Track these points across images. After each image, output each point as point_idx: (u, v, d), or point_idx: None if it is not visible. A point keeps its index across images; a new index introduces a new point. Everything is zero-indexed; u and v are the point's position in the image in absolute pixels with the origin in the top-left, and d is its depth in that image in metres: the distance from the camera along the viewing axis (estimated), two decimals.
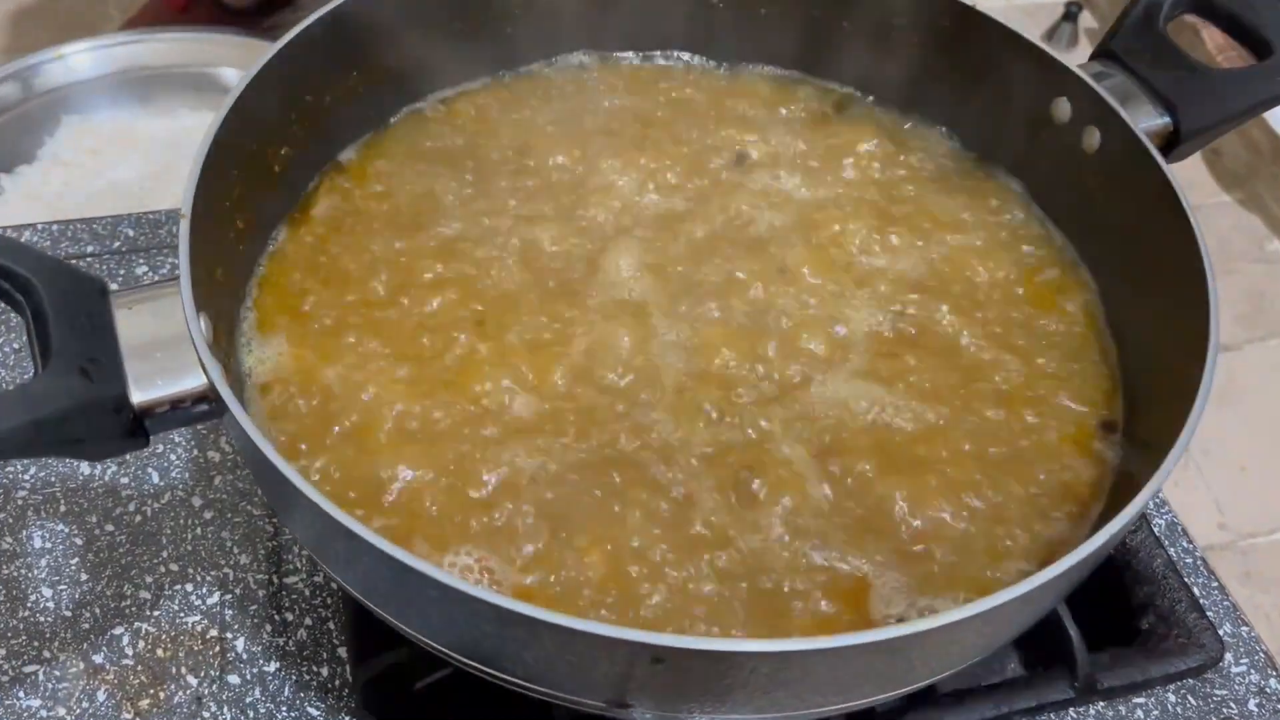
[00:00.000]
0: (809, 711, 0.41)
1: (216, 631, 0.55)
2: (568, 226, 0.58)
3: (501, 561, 0.45)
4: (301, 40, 0.55)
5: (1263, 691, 0.57)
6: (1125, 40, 0.59)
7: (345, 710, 0.53)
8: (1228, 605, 0.61)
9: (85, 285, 0.43)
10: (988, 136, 0.64)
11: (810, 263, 0.57)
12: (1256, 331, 1.25)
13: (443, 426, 0.49)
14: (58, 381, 0.39)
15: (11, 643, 0.54)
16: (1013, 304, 0.57)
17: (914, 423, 0.51)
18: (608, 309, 0.54)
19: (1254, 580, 1.04)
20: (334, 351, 0.51)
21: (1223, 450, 1.14)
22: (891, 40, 0.64)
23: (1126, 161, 0.55)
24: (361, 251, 0.56)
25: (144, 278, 0.69)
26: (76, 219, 0.72)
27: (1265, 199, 1.40)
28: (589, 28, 0.67)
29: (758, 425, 0.50)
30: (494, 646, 0.40)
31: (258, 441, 0.39)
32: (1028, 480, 0.49)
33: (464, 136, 0.63)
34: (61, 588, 0.56)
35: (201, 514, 0.59)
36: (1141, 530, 0.62)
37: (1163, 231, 0.52)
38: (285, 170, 0.57)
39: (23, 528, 0.58)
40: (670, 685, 0.38)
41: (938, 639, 0.37)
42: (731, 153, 0.63)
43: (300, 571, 0.57)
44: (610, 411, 0.50)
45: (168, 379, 0.42)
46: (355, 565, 0.41)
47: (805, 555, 0.46)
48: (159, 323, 0.43)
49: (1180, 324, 0.49)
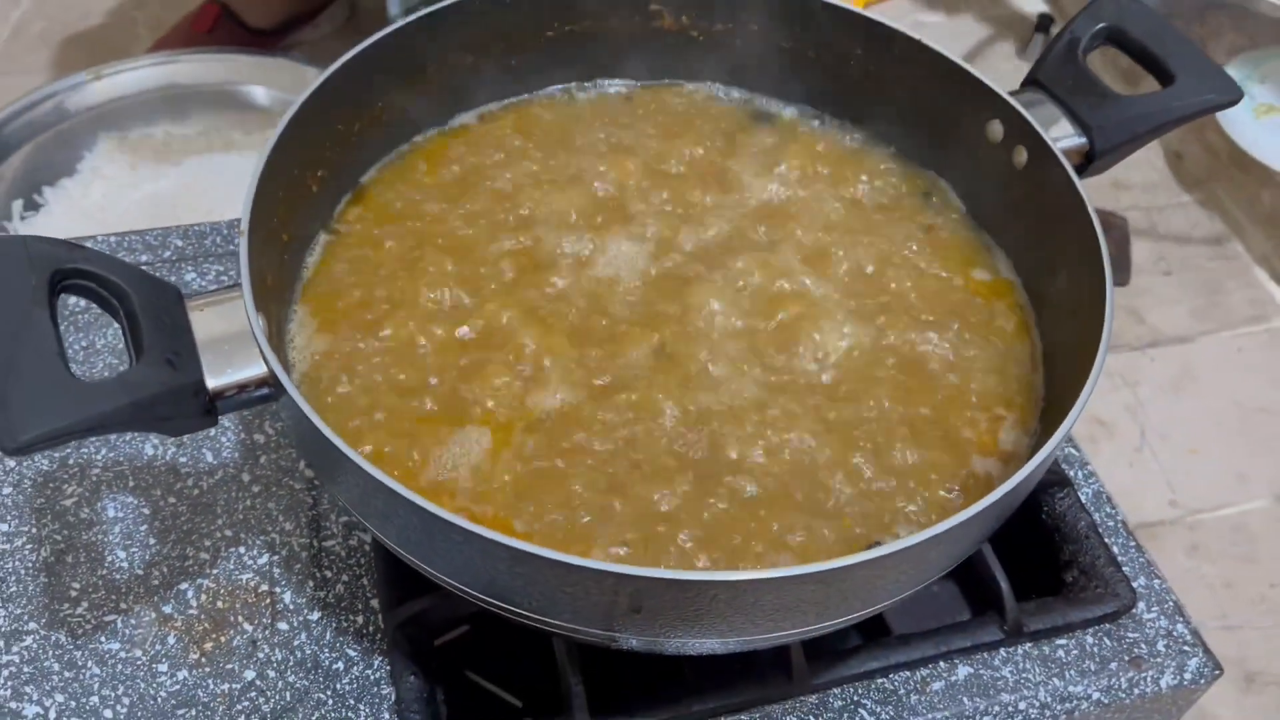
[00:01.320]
0: (767, 636, 0.50)
1: (267, 587, 0.64)
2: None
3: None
4: (336, 77, 0.64)
5: (1170, 634, 0.66)
6: (1050, 69, 0.68)
7: (377, 651, 0.62)
8: (1143, 562, 0.69)
9: (165, 291, 0.52)
10: (933, 154, 0.73)
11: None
12: (1210, 324, 1.34)
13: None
14: (150, 371, 0.48)
15: (93, 596, 0.63)
16: (952, 305, 0.66)
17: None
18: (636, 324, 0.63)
19: (1199, 552, 1.13)
20: (364, 345, 0.61)
21: (1176, 435, 1.23)
22: (846, 65, 0.73)
23: (1048, 176, 0.64)
24: (385, 262, 0.65)
25: (192, 282, 0.78)
26: (130, 231, 0.81)
27: (1224, 200, 1.48)
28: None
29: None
30: (506, 583, 0.49)
31: (310, 416, 0.48)
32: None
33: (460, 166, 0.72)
34: (133, 550, 0.65)
35: (250, 488, 0.68)
36: (1069, 497, 0.71)
37: (1075, 235, 0.61)
38: (321, 190, 0.66)
39: (98, 500, 0.67)
40: (647, 611, 0.47)
41: (862, 574, 0.46)
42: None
43: (336, 536, 0.66)
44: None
45: (235, 368, 0.51)
46: (392, 519, 0.50)
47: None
48: (226, 322, 0.52)
49: (1085, 320, 0.58)
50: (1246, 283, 1.40)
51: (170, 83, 1.26)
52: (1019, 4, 1.84)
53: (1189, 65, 0.66)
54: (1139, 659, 0.65)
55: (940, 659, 0.64)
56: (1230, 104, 0.65)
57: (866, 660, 0.63)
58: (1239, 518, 1.16)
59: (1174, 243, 1.40)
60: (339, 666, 0.61)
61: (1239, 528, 1.16)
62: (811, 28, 0.72)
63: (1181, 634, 0.66)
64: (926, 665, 0.64)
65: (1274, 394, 1.28)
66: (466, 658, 0.69)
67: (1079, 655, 0.65)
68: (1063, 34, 0.69)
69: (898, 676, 0.63)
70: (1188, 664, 0.65)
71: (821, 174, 0.72)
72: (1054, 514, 0.70)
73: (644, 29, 0.75)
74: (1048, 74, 0.68)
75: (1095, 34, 0.68)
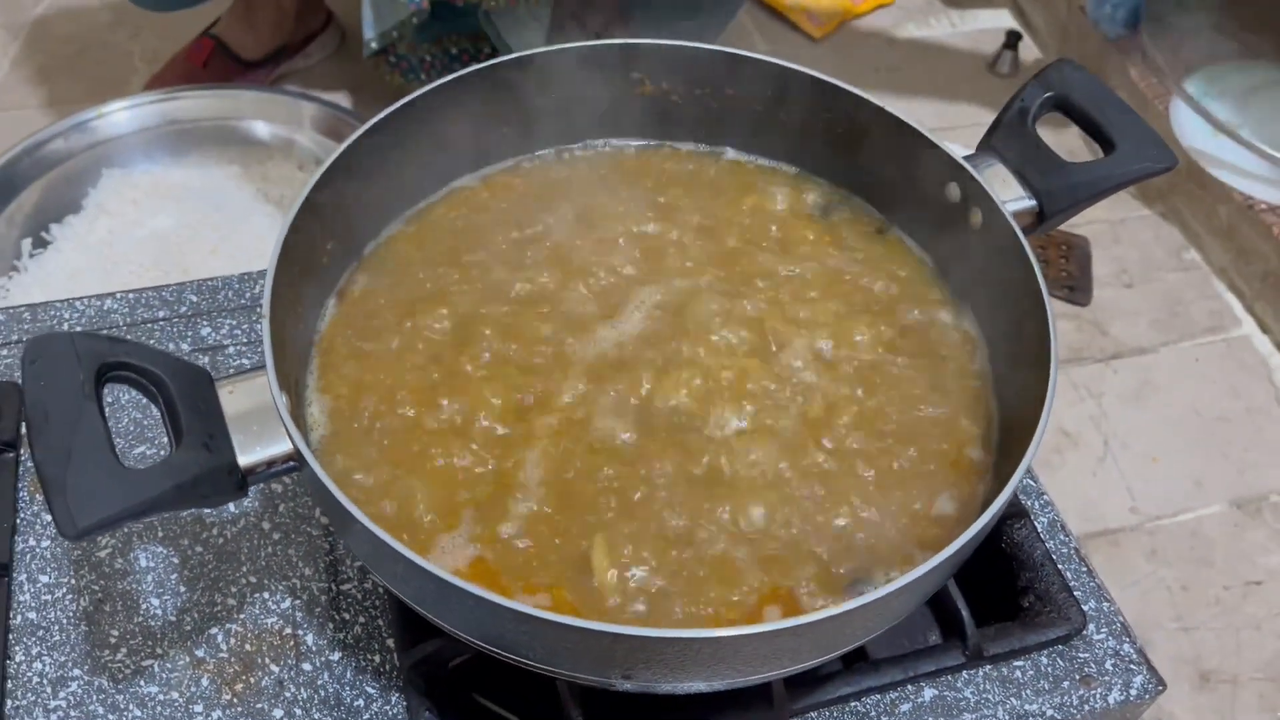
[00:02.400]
0: (747, 679, 0.56)
1: (290, 629, 0.70)
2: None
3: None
4: (346, 155, 0.69)
5: (1117, 654, 0.73)
6: (1002, 136, 0.73)
7: (394, 688, 0.68)
8: (1094, 585, 0.76)
9: (197, 375, 0.58)
10: (899, 210, 0.78)
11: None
12: (1171, 335, 1.40)
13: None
14: (189, 456, 0.54)
15: (131, 642, 0.69)
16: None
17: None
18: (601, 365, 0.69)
19: (1158, 557, 1.19)
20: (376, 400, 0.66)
21: (1137, 443, 1.29)
22: (819, 130, 0.78)
23: (999, 236, 0.69)
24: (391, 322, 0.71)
25: (208, 338, 0.84)
26: (148, 288, 0.86)
27: (1184, 212, 1.55)
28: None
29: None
30: (512, 638, 0.55)
31: (335, 493, 0.54)
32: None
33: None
34: (166, 598, 0.71)
35: (270, 535, 0.74)
36: (1026, 527, 0.77)
37: (1023, 292, 0.66)
38: (330, 264, 0.71)
39: (130, 550, 0.72)
40: (640, 662, 0.53)
41: (827, 627, 0.52)
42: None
43: (353, 580, 0.72)
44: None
45: (263, 445, 0.57)
46: (409, 581, 0.55)
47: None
48: (252, 401, 0.58)
49: (1032, 374, 0.63)
50: (1204, 294, 1.46)
51: (169, 119, 1.31)
52: (989, 21, 1.90)
53: (1129, 133, 0.72)
54: (1089, 677, 0.71)
55: (908, 682, 0.70)
56: (1166, 170, 0.71)
57: (841, 686, 0.69)
58: (1195, 523, 1.23)
59: (1136, 255, 1.47)
60: (359, 704, 0.67)
61: (1195, 533, 1.22)
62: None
63: (1128, 653, 0.73)
64: (896, 689, 0.70)
65: (1231, 403, 1.34)
66: (474, 681, 0.75)
67: (1034, 675, 0.71)
68: (1014, 102, 0.75)
69: (870, 700, 0.69)
70: (1133, 681, 0.71)
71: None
72: (1012, 543, 0.76)
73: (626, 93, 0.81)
74: (1000, 140, 0.73)
75: (1043, 103, 0.74)
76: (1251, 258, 1.46)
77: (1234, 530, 1.22)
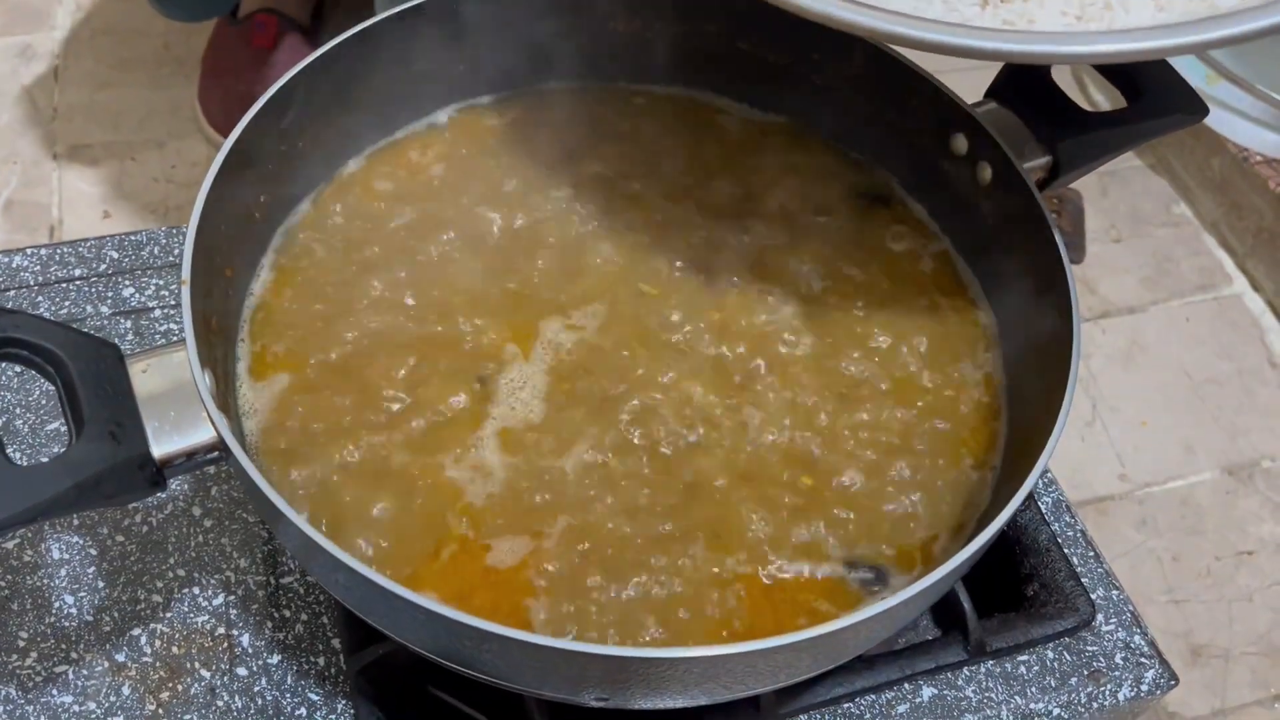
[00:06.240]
0: (729, 694, 0.50)
1: (224, 629, 0.62)
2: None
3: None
4: (281, 92, 0.61)
5: (1128, 646, 0.67)
6: (1013, 83, 0.66)
7: (341, 694, 0.61)
8: (1101, 572, 0.70)
9: (104, 351, 0.50)
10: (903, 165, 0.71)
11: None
12: (1160, 293, 1.35)
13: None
14: (92, 447, 0.46)
15: (41, 646, 0.61)
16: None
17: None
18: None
19: (1148, 526, 1.15)
20: (313, 372, 0.59)
21: (1127, 407, 1.24)
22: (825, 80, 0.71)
23: (1012, 193, 0.63)
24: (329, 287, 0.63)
25: (130, 299, 0.75)
26: (63, 243, 0.77)
27: (1173, 164, 1.48)
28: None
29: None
30: (470, 653, 0.48)
31: (263, 488, 0.47)
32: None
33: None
34: (81, 595, 0.63)
35: (202, 522, 0.66)
36: (1030, 509, 0.71)
37: (1037, 252, 0.60)
38: (265, 218, 0.63)
39: (41, 541, 0.65)
40: (611, 680, 0.47)
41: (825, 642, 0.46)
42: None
43: (294, 573, 0.65)
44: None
45: (182, 434, 0.49)
46: (353, 590, 0.48)
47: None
48: (169, 381, 0.50)
49: (1050, 348, 0.57)
50: (1195, 250, 1.41)
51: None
52: None
53: (1155, 80, 0.65)
54: (1098, 672, 0.66)
55: (905, 681, 0.64)
56: (1196, 121, 0.64)
57: (833, 687, 0.63)
58: (1186, 490, 1.19)
59: (1124, 209, 1.41)
60: (301, 712, 0.60)
61: (1186, 500, 1.18)
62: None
63: (1139, 645, 0.67)
64: (892, 688, 0.64)
65: (1221, 365, 1.30)
66: (429, 673, 0.68)
67: (1040, 671, 0.66)
68: None
69: (864, 701, 0.64)
70: (1145, 675, 0.66)
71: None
72: (1015, 526, 0.71)
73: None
74: (1012, 87, 0.66)
75: None
76: (1245, 213, 1.40)
77: (1225, 498, 1.18)
